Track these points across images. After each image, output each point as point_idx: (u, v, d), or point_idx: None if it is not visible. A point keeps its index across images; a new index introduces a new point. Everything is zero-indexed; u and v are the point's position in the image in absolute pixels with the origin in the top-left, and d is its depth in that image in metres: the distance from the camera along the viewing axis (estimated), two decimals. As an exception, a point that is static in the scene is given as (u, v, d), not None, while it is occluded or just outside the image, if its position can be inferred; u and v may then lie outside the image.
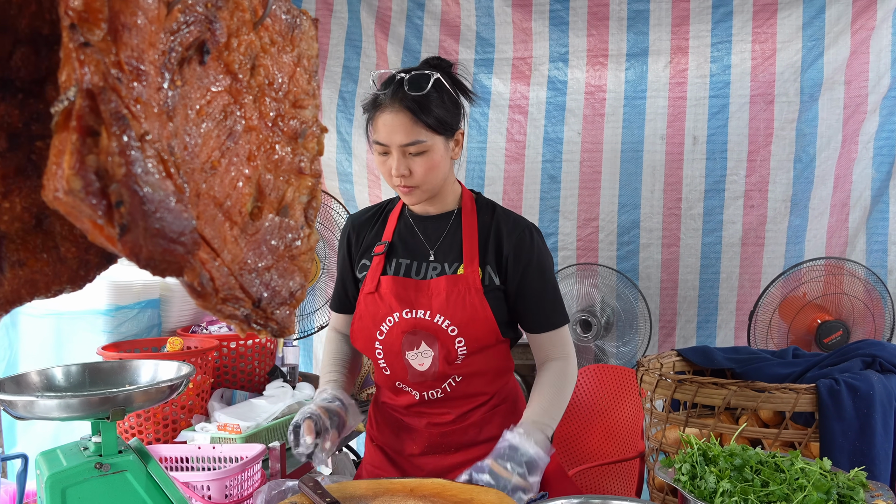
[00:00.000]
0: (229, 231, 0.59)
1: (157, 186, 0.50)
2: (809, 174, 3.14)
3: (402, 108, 1.52)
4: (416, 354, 1.63)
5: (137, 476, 1.25)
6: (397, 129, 1.52)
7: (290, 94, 0.66)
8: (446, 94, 1.58)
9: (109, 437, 1.25)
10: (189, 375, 1.34)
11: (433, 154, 1.55)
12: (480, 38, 3.41)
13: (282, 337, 0.62)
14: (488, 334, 1.61)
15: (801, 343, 2.82)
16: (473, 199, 1.72)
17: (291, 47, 0.67)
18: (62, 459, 1.23)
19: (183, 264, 0.52)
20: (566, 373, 1.68)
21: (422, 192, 1.60)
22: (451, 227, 1.68)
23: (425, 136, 1.53)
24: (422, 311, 1.60)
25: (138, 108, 0.52)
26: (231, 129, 0.61)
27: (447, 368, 1.62)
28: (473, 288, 1.59)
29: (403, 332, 1.62)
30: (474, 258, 1.61)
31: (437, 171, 1.58)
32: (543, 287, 1.66)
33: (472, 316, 1.58)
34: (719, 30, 3.21)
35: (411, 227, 1.71)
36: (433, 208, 1.69)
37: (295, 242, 0.64)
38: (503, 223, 1.66)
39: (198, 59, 0.59)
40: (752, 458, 1.26)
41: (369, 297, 1.66)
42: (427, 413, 1.70)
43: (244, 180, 0.61)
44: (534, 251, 1.64)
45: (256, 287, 0.60)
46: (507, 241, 1.63)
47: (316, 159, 0.67)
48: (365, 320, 1.67)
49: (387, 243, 1.70)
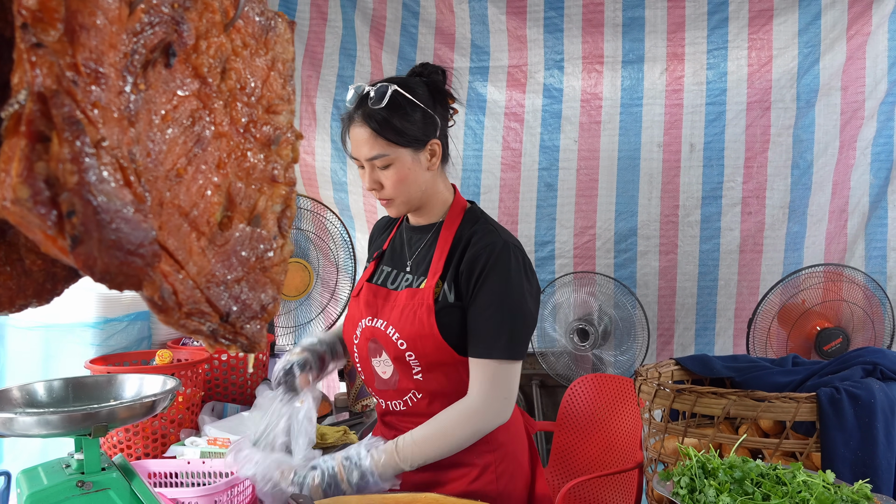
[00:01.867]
0: (196, 242, 0.56)
1: (114, 195, 0.48)
2: (807, 180, 3.12)
3: (363, 122, 1.52)
4: (380, 362, 1.63)
5: (121, 494, 1.21)
6: (361, 144, 1.53)
7: (263, 98, 0.63)
8: (413, 107, 1.54)
9: (92, 455, 1.21)
10: (174, 390, 1.31)
11: (399, 166, 1.54)
12: (475, 46, 3.39)
13: (252, 352, 0.59)
14: (438, 351, 1.52)
15: (800, 350, 2.79)
16: (464, 210, 1.66)
17: (265, 50, 0.64)
18: (43, 478, 1.19)
19: (142, 277, 0.49)
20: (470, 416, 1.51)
21: (399, 203, 1.59)
22: (429, 238, 1.65)
23: (387, 150, 1.52)
24: (380, 322, 1.59)
25: (95, 113, 0.49)
26: (199, 135, 0.58)
27: (407, 382, 1.59)
28: (425, 304, 1.54)
29: (367, 339, 1.63)
30: (437, 273, 1.57)
31: (407, 183, 1.56)
32: (486, 308, 1.50)
33: (419, 331, 1.53)
34: (715, 36, 3.20)
35: (403, 238, 1.72)
36: (421, 219, 1.68)
37: (267, 253, 0.61)
38: (474, 236, 1.57)
39: (163, 62, 0.57)
40: (753, 471, 1.23)
41: (353, 300, 1.71)
42: (396, 424, 1.68)
43: (213, 189, 0.58)
44: (487, 268, 1.51)
45: (225, 300, 0.57)
46: (467, 254, 1.55)
47: (290, 167, 0.64)
48: (347, 322, 1.71)
49: (382, 252, 1.74)
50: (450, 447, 1.51)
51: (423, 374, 1.57)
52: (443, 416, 1.53)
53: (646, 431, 2.08)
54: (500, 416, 1.54)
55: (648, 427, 2.06)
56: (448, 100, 1.65)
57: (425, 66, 1.63)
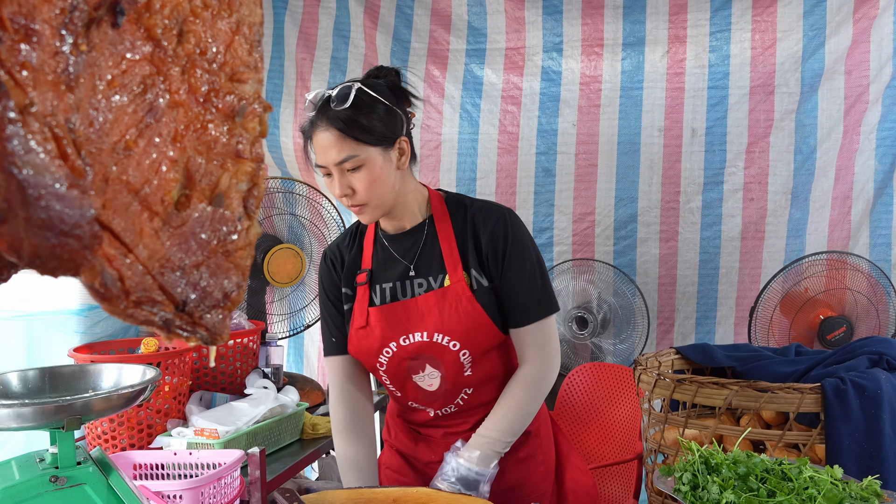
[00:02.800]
0: (148, 223, 0.50)
1: (43, 168, 0.42)
2: (810, 166, 3.06)
3: (329, 125, 1.47)
4: (423, 377, 1.59)
5: (97, 489, 1.16)
6: (328, 148, 1.47)
7: (226, 65, 0.57)
8: (377, 104, 1.50)
9: (66, 448, 1.16)
10: (154, 380, 1.25)
11: (371, 167, 1.48)
12: (472, 28, 3.32)
13: (214, 344, 0.53)
14: (490, 338, 1.55)
15: (803, 339, 2.74)
16: (443, 201, 1.63)
17: (229, 12, 0.58)
18: (15, 472, 1.14)
19: (79, 262, 0.43)
20: (537, 382, 1.57)
21: (372, 208, 1.52)
22: (426, 238, 1.60)
23: (357, 150, 1.46)
24: (419, 334, 1.54)
25: (24, 75, 0.43)
26: (152, 104, 0.52)
27: (457, 384, 1.58)
28: (464, 297, 1.52)
29: (404, 359, 1.57)
30: (457, 265, 1.54)
31: (380, 184, 1.50)
32: (520, 276, 1.55)
33: (469, 325, 1.52)
34: (718, 18, 3.12)
35: (387, 249, 1.63)
36: (403, 222, 1.62)
37: (230, 236, 0.55)
38: (478, 217, 1.57)
39: (110, 21, 0.51)
40: (758, 466, 1.18)
41: (361, 332, 1.60)
42: (444, 424, 1.67)
43: (168, 164, 0.52)
44: (508, 239, 1.55)
45: (182, 287, 0.51)
46: (483, 235, 1.55)
47: (257, 141, 0.58)
48: (362, 354, 1.62)
49: (368, 271, 1.63)
50: (529, 417, 1.57)
51: (473, 368, 1.57)
52: (512, 392, 1.57)
53: (645, 422, 2.03)
54: (556, 369, 1.60)
55: (648, 417, 2.01)
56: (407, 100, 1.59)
57: (381, 68, 1.58)
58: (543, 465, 1.69)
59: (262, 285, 2.92)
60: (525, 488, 1.65)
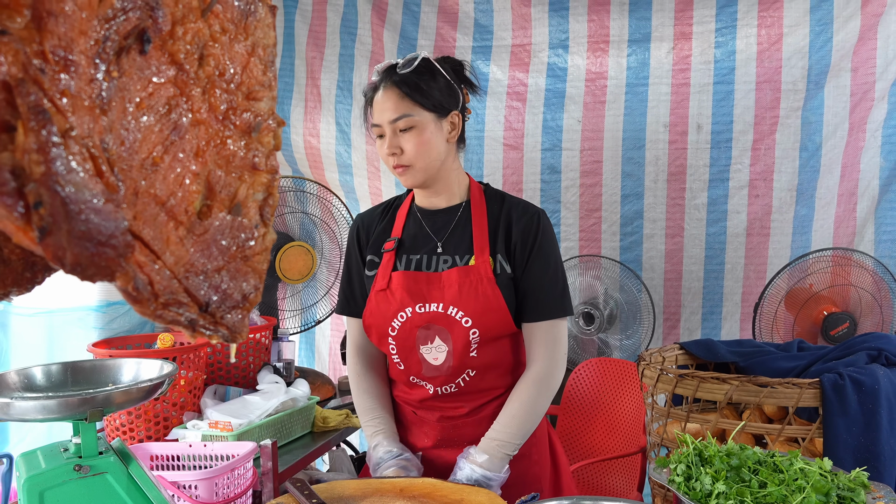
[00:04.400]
0: (173, 231, 0.55)
1: (83, 185, 0.47)
2: (815, 163, 3.08)
3: (391, 86, 1.57)
4: (431, 349, 1.62)
5: (118, 478, 1.22)
6: (387, 107, 1.56)
7: (243, 85, 0.62)
8: (439, 75, 1.59)
9: (89, 439, 1.22)
10: (171, 374, 1.31)
11: (422, 131, 1.56)
12: (478, 25, 3.35)
13: (234, 342, 0.58)
14: (502, 324, 1.59)
15: (807, 335, 2.77)
16: (482, 190, 1.71)
17: (245, 36, 0.63)
18: (41, 461, 1.20)
19: (114, 268, 0.48)
20: (544, 382, 1.61)
21: (416, 171, 1.59)
22: (459, 218, 1.66)
23: (412, 111, 1.55)
24: (434, 305, 1.59)
25: (64, 102, 0.48)
26: (176, 122, 0.57)
27: (462, 362, 1.61)
28: (486, 278, 1.57)
29: (416, 326, 1.61)
30: (485, 248, 1.60)
31: (428, 148, 1.57)
32: (543, 272, 1.61)
33: (485, 306, 1.57)
34: (724, 14, 3.14)
35: (419, 222, 1.70)
36: (440, 200, 1.68)
37: (248, 242, 0.60)
38: (513, 210, 1.64)
39: (138, 49, 0.55)
40: (750, 458, 1.22)
41: (381, 295, 1.65)
42: (440, 406, 1.69)
43: (191, 177, 0.57)
44: (538, 235, 1.62)
45: (204, 290, 0.56)
46: (515, 227, 1.62)
47: (272, 154, 0.63)
48: (376, 317, 1.66)
49: (396, 239, 1.69)
50: (538, 418, 1.60)
51: (479, 351, 1.60)
52: (520, 393, 1.60)
53: (649, 416, 2.07)
54: (563, 371, 1.64)
55: (651, 412, 2.06)
56: (470, 85, 1.69)
57: (447, 58, 1.67)
58: (538, 465, 1.71)
59: (274, 282, 2.98)
60: (520, 487, 1.68)
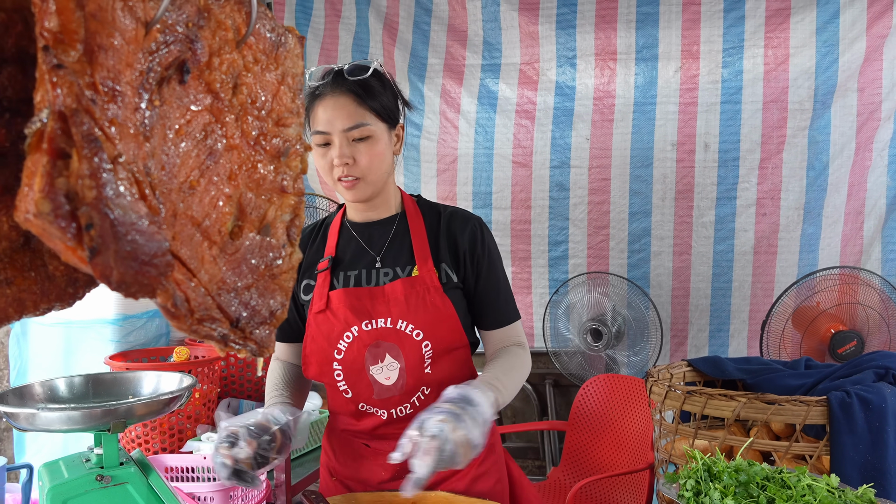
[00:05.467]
0: (208, 251, 0.59)
1: (129, 209, 0.50)
2: (822, 182, 3.10)
3: (344, 91, 1.45)
4: (382, 368, 1.50)
5: (138, 488, 1.25)
6: (340, 114, 1.44)
7: (273, 112, 0.66)
8: (388, 85, 1.52)
9: (111, 449, 1.25)
10: (191, 387, 1.34)
11: (377, 142, 1.47)
12: (487, 43, 3.40)
13: (261, 356, 0.61)
14: (453, 335, 1.50)
15: (814, 353, 2.78)
16: (416, 201, 1.64)
17: (275, 65, 0.67)
18: (64, 471, 1.23)
19: (156, 286, 0.52)
20: (521, 357, 1.55)
21: (365, 185, 1.48)
22: (396, 230, 1.58)
23: (370, 120, 1.45)
24: (382, 320, 1.48)
25: (113, 130, 0.52)
26: (211, 148, 0.61)
27: (415, 379, 1.50)
28: (433, 287, 1.49)
29: (365, 345, 1.49)
30: (427, 258, 1.52)
31: (381, 161, 1.48)
32: (497, 281, 1.57)
33: (435, 317, 1.48)
34: (731, 34, 3.18)
35: (354, 238, 1.59)
36: (375, 213, 1.59)
37: (276, 261, 0.63)
38: (453, 219, 1.58)
39: (178, 79, 0.59)
40: (758, 474, 1.24)
41: (320, 317, 1.52)
42: (396, 433, 1.42)
43: (224, 199, 0.61)
44: (486, 245, 1.57)
45: (235, 307, 0.59)
46: (461, 236, 1.55)
47: (299, 177, 0.66)
48: (318, 341, 1.52)
49: (330, 258, 1.57)
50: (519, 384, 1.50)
51: (433, 366, 1.51)
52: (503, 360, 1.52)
53: (657, 433, 2.09)
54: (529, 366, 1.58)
55: (659, 428, 2.07)
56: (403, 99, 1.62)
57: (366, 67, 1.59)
58: (500, 483, 1.62)
59: (284, 296, 3.01)
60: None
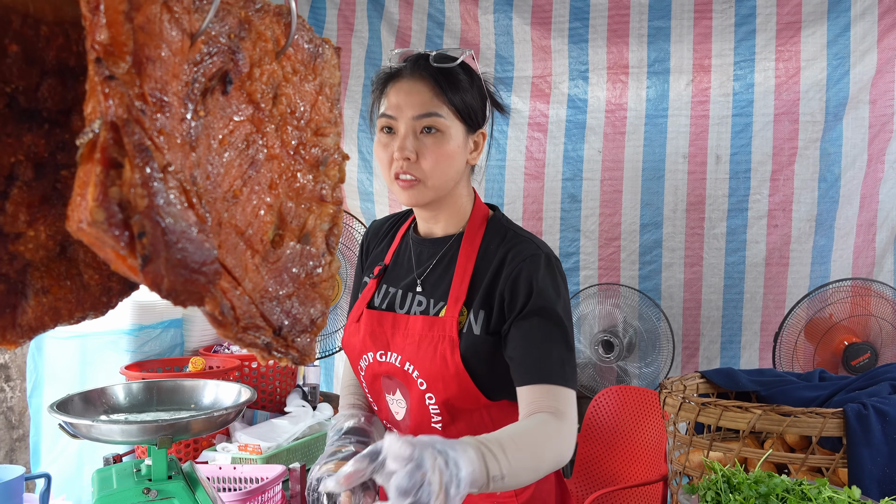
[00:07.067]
0: (251, 259, 0.59)
1: (180, 217, 0.51)
2: (834, 194, 3.10)
3: (424, 76, 1.27)
4: (393, 401, 1.37)
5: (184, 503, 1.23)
6: (412, 100, 1.25)
7: (312, 122, 0.67)
8: (476, 83, 1.32)
9: (159, 462, 1.22)
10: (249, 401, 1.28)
11: (448, 140, 1.26)
12: (499, 57, 3.42)
13: (302, 364, 0.62)
14: (463, 395, 1.27)
15: (827, 365, 2.77)
16: (486, 219, 1.40)
17: (314, 76, 0.67)
18: (114, 481, 1.21)
19: (204, 294, 0.52)
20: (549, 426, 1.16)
21: (425, 189, 1.28)
22: (445, 254, 1.37)
23: (444, 112, 1.26)
24: (393, 356, 1.32)
25: (161, 140, 0.52)
26: (253, 157, 0.61)
27: (420, 428, 1.32)
28: (447, 338, 1.27)
29: (379, 374, 1.37)
30: (460, 299, 1.29)
31: (449, 164, 1.28)
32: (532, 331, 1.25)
33: (441, 370, 1.26)
34: (742, 48, 3.19)
35: (409, 250, 1.43)
36: (438, 227, 1.40)
37: (316, 270, 0.64)
38: (509, 252, 1.30)
39: (220, 90, 0.60)
40: (778, 486, 1.23)
41: (353, 327, 1.42)
42: None
43: (266, 208, 0.62)
44: (532, 288, 1.26)
45: (277, 315, 0.60)
46: (503, 275, 1.29)
47: (337, 186, 0.67)
48: (349, 348, 1.43)
49: (384, 266, 1.45)
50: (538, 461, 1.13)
51: (444, 426, 1.31)
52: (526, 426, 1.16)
53: (670, 444, 2.08)
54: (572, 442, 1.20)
55: (673, 440, 2.06)
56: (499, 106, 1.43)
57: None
58: None
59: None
60: None
